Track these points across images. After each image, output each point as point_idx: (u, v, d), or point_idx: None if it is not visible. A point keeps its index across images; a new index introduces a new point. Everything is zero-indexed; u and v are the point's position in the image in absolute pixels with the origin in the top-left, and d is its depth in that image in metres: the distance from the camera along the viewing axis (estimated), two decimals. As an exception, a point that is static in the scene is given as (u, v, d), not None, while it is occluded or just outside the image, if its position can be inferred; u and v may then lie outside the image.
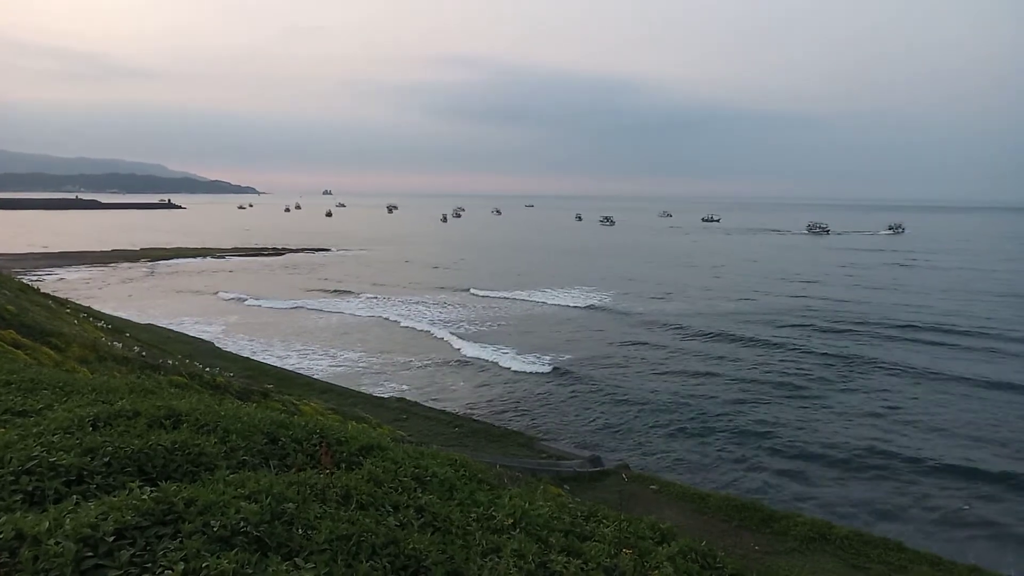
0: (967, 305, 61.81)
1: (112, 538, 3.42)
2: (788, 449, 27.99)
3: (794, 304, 62.04)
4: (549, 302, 64.51)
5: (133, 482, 4.16)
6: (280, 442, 5.86)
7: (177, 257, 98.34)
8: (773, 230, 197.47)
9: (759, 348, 45.05)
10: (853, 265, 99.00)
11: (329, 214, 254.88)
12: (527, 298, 66.50)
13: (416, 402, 31.77)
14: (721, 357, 42.51)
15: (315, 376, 35.69)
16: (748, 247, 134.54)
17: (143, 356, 20.72)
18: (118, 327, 31.24)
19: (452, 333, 49.91)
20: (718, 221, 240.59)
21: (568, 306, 62.36)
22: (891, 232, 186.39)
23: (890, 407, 32.71)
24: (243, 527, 3.80)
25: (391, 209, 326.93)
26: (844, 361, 41.18)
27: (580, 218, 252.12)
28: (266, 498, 4.18)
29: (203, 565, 3.33)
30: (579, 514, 6.64)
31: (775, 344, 46.27)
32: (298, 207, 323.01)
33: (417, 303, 63.42)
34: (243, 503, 4.03)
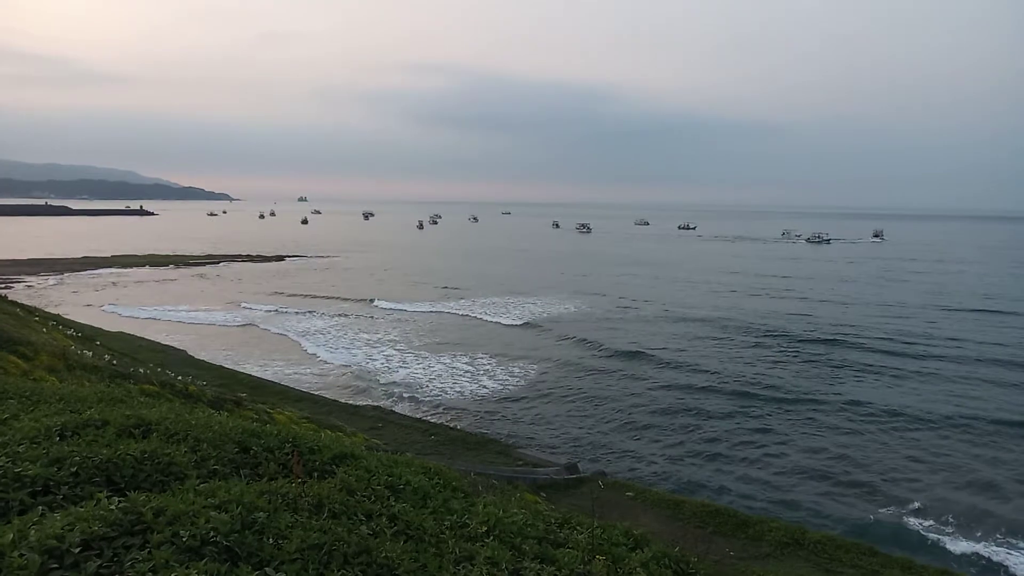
0: (940, 318, 62.81)
1: (79, 549, 3.37)
2: (763, 457, 28.23)
3: (772, 312, 62.69)
4: (524, 308, 64.57)
5: (101, 492, 4.10)
6: (252, 451, 5.81)
7: (143, 265, 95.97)
8: (748, 238, 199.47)
9: (736, 357, 45.45)
10: (831, 273, 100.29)
11: (305, 221, 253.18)
12: (491, 307, 66.45)
13: (392, 410, 31.65)
14: (699, 366, 42.80)
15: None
16: (722, 255, 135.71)
17: (114, 365, 20.40)
18: (88, 335, 30.75)
19: (415, 346, 49.70)
20: (694, 229, 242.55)
21: (543, 313, 62.44)
22: (876, 240, 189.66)
23: (864, 416, 33.10)
24: (213, 537, 3.76)
25: (367, 216, 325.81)
26: (821, 371, 41.70)
27: (557, 225, 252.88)
28: (237, 507, 4.14)
29: (172, 575, 3.29)
30: (553, 521, 6.65)
31: (752, 353, 46.76)
32: (273, 214, 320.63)
33: (341, 315, 61.74)
34: (213, 513, 3.99)
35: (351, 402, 32.94)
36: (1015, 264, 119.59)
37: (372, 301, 67.91)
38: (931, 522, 22.52)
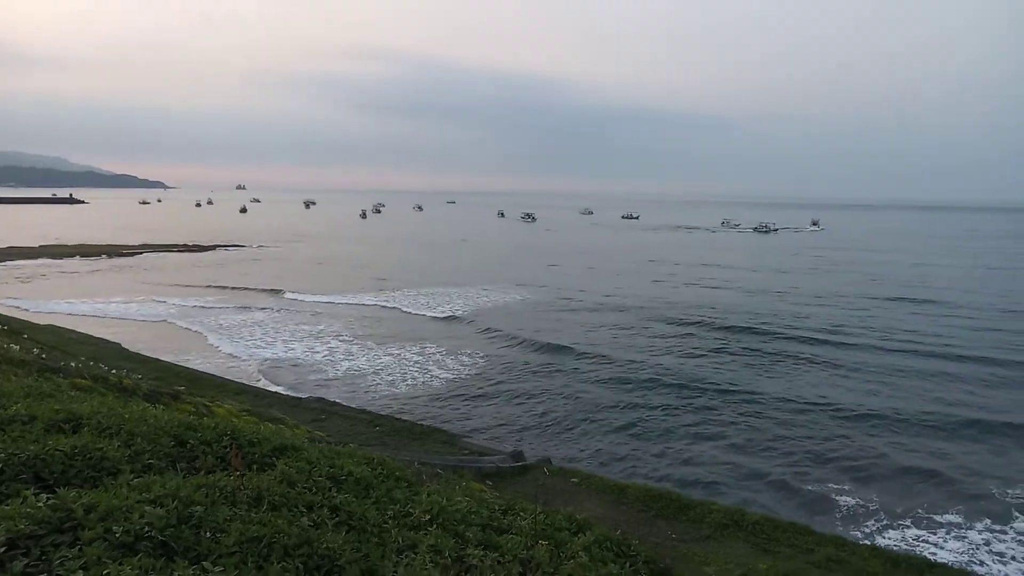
0: (873, 307, 65.16)
1: (4, 548, 3.27)
2: (704, 443, 28.91)
3: (711, 302, 63.99)
4: (468, 298, 64.52)
5: (28, 489, 3.96)
6: (188, 444, 5.69)
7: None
8: (690, 227, 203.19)
9: (677, 347, 46.26)
10: (773, 262, 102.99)
11: (244, 210, 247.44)
12: (431, 295, 66.27)
13: (336, 402, 31.30)
14: (640, 356, 43.42)
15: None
16: (664, 244, 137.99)
17: (43, 359, 19.64)
18: (15, 328, 29.54)
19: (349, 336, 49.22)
20: (637, 218, 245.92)
21: (488, 303, 62.51)
22: (814, 228, 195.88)
23: (797, 405, 34.06)
24: (147, 532, 3.69)
25: (308, 205, 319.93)
26: (756, 360, 42.66)
27: (503, 215, 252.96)
28: (172, 502, 4.07)
29: (104, 573, 3.21)
30: (497, 508, 6.71)
31: (692, 343, 47.70)
32: (210, 202, 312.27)
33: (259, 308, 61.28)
34: (148, 508, 3.91)
35: (293, 394, 32.43)
36: (944, 252, 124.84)
37: (308, 293, 66.33)
38: (859, 503, 23.45)
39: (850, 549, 17.70)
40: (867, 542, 19.40)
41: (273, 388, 33.63)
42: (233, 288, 68.69)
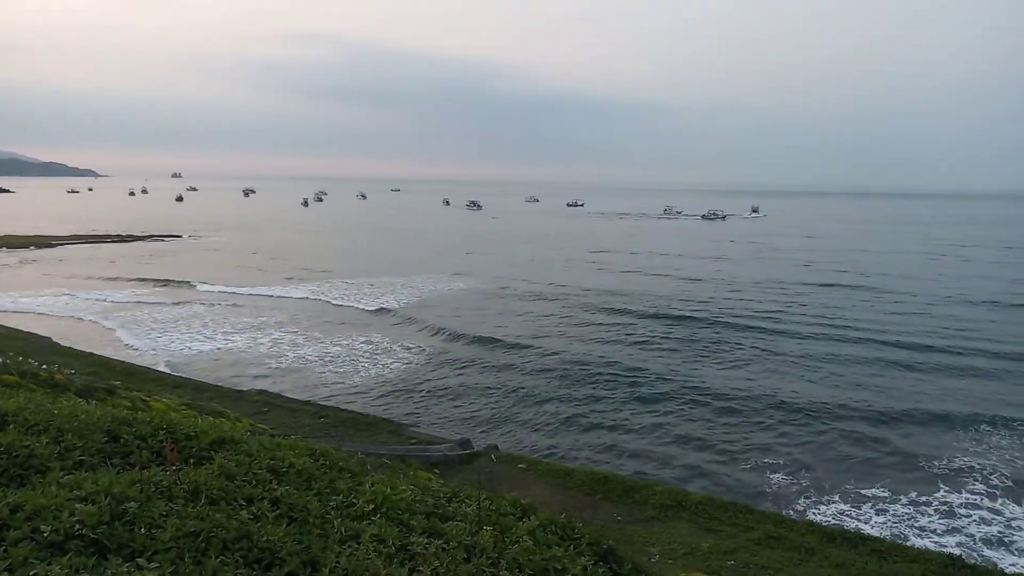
0: (811, 293, 67.10)
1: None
2: (649, 427, 29.50)
3: (652, 288, 65.09)
4: (413, 288, 64.11)
5: (-51, 491, 3.81)
6: (122, 440, 5.54)
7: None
8: (634, 214, 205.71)
9: (620, 332, 46.99)
10: (710, 248, 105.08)
11: (180, 199, 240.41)
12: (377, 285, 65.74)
13: (279, 394, 30.78)
14: (584, 341, 44.00)
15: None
16: (610, 232, 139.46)
17: (-35, 355, 18.78)
18: (-66, 324, 28.14)
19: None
20: (582, 206, 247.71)
21: (433, 292, 62.29)
22: (755, 215, 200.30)
23: (735, 390, 34.93)
24: (79, 530, 3.59)
25: (248, 193, 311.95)
26: (698, 344, 43.69)
27: (448, 203, 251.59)
28: (105, 499, 3.96)
29: (31, 573, 3.11)
30: (442, 496, 6.72)
31: (635, 327, 48.49)
32: (145, 191, 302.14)
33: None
34: (79, 505, 3.80)
35: (235, 387, 31.79)
36: (872, 238, 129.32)
37: (246, 285, 64.51)
38: (793, 481, 24.38)
39: (788, 526, 18.30)
40: (803, 518, 20.13)
41: (214, 381, 32.87)
42: (166, 280, 66.61)
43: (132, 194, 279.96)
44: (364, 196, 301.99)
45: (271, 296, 60.10)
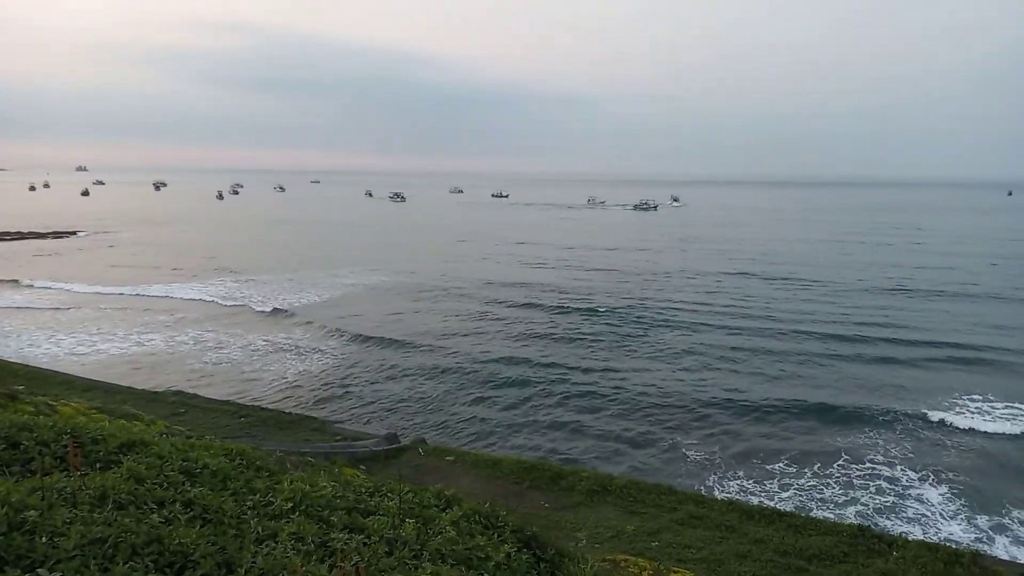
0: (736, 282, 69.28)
1: None
2: (576, 416, 30.10)
3: (573, 280, 65.97)
4: (332, 283, 63.03)
5: None
6: (22, 447, 5.28)
7: None
8: (557, 204, 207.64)
9: (543, 325, 47.42)
10: (633, 239, 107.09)
11: (86, 193, 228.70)
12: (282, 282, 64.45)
13: (196, 394, 29.79)
14: (508, 337, 44.16)
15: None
16: (535, 224, 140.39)
17: None
18: None
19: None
20: (507, 196, 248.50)
21: (352, 287, 61.36)
22: (675, 204, 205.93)
23: (658, 377, 35.95)
24: (-28, 543, 3.41)
25: (159, 186, 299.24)
26: (620, 336, 44.53)
27: (371, 195, 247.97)
28: (2, 508, 3.78)
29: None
30: (364, 491, 6.67)
31: (559, 318, 49.10)
32: (47, 185, 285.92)
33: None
34: (-28, 517, 3.61)
35: (149, 388, 30.60)
36: (790, 226, 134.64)
37: (155, 283, 61.59)
38: (709, 460, 25.54)
39: (709, 505, 18.92)
40: (724, 497, 20.89)
41: (127, 383, 31.54)
42: (70, 279, 63.28)
43: (33, 189, 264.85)
44: (283, 188, 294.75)
45: (182, 295, 57.50)
